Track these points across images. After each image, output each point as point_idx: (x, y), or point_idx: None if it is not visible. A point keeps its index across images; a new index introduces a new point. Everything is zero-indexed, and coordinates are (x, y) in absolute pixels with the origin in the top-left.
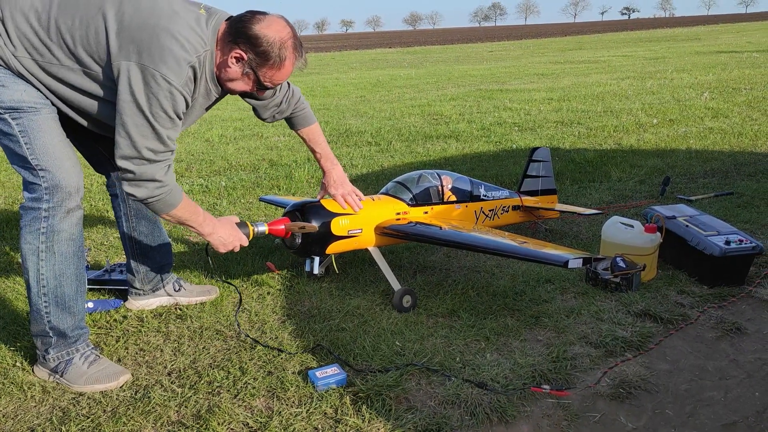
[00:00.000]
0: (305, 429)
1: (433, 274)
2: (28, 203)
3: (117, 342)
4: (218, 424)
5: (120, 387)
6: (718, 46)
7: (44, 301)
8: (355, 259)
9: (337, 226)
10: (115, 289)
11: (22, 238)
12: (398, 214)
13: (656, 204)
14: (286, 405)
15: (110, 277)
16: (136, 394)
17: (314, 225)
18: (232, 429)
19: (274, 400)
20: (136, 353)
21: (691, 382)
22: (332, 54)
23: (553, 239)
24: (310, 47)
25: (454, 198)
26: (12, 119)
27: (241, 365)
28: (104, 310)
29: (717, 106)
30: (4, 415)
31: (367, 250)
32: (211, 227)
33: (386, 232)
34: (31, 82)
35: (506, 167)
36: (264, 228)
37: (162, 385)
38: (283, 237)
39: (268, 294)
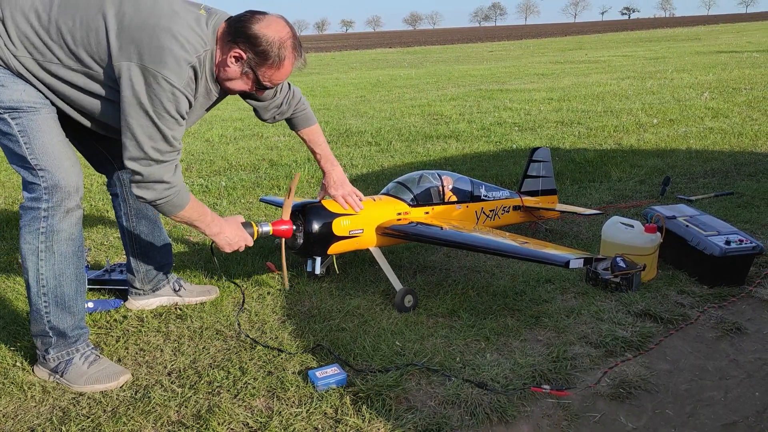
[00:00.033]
0: (305, 429)
1: (433, 274)
2: (27, 203)
3: (117, 342)
4: (218, 424)
5: (120, 387)
6: (719, 46)
7: (44, 301)
8: (355, 259)
9: (339, 227)
10: (115, 289)
11: (21, 238)
12: (399, 214)
13: (656, 204)
14: (286, 405)
15: (110, 277)
16: (136, 394)
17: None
18: (232, 429)
19: (274, 400)
20: (136, 353)
21: (691, 382)
22: (332, 54)
23: (554, 239)
24: (310, 47)
25: (454, 198)
26: (11, 119)
27: (241, 365)
28: (104, 310)
29: (717, 106)
30: (4, 415)
31: (367, 250)
32: (218, 227)
33: (387, 232)
34: (31, 82)
35: (506, 167)
36: (268, 228)
37: (162, 385)
38: (286, 237)
39: (268, 294)
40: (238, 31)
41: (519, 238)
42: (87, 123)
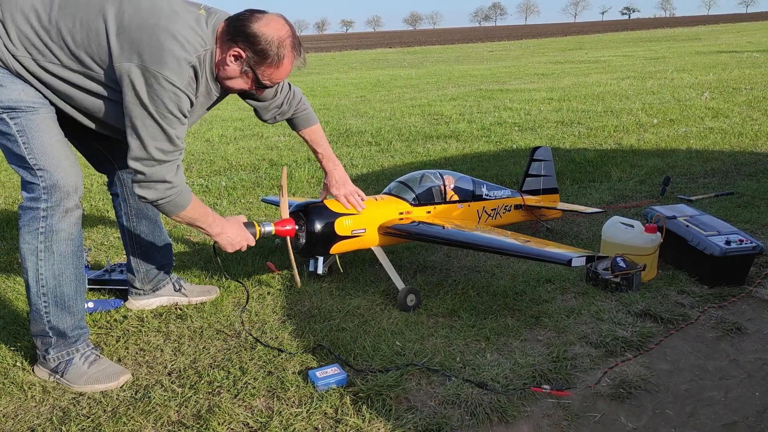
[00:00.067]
0: (305, 429)
1: (433, 274)
2: (26, 203)
3: (117, 342)
4: (218, 424)
5: (120, 387)
6: (719, 46)
7: (44, 301)
8: (355, 259)
9: (341, 226)
10: (115, 289)
11: (21, 238)
12: (401, 213)
13: (656, 204)
14: (287, 405)
15: (110, 277)
16: (136, 394)
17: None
18: (232, 429)
19: (275, 400)
20: (137, 353)
21: (691, 382)
22: (332, 54)
23: (554, 239)
24: (310, 47)
25: (456, 197)
26: (10, 119)
27: (241, 365)
28: (104, 310)
29: (717, 106)
30: (4, 415)
31: (368, 249)
32: (219, 227)
33: (389, 231)
34: (30, 82)
35: (506, 167)
36: (271, 228)
37: (162, 385)
38: (289, 237)
39: (268, 294)
40: (237, 30)
41: (521, 237)
42: (87, 122)
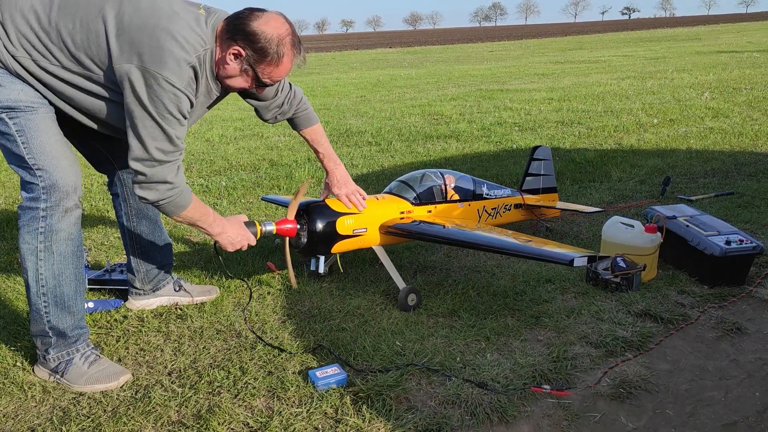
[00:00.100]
0: (305, 429)
1: (433, 274)
2: (26, 203)
3: (117, 342)
4: (218, 424)
5: (120, 387)
6: (719, 46)
7: (43, 301)
8: (355, 258)
9: (343, 226)
10: (115, 289)
11: (20, 238)
12: (402, 213)
13: (657, 204)
14: (287, 405)
15: (110, 277)
16: (136, 394)
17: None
18: (232, 429)
19: (275, 400)
20: (137, 353)
21: (691, 382)
22: (332, 54)
23: (554, 239)
24: (310, 47)
25: (457, 197)
26: (9, 119)
27: (241, 365)
28: (104, 310)
29: (717, 106)
30: (4, 415)
31: (368, 249)
32: (220, 227)
33: (391, 231)
34: (29, 82)
35: (506, 167)
36: (272, 227)
37: (162, 385)
38: (290, 236)
39: (268, 294)
40: (237, 29)
41: (522, 237)
42: (87, 122)
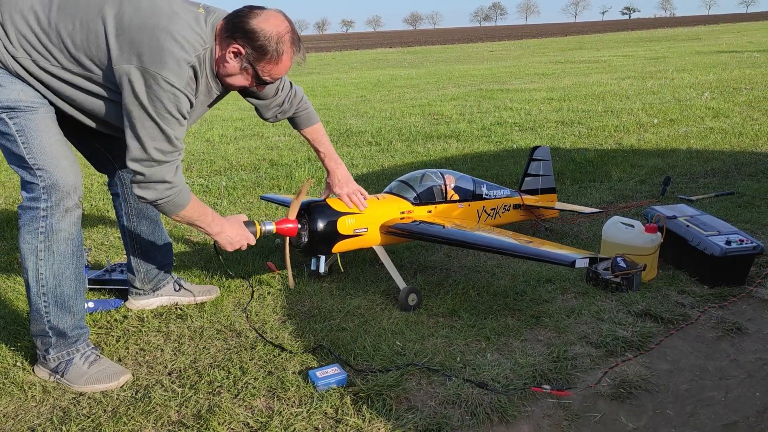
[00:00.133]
0: (306, 429)
1: (433, 274)
2: (26, 203)
3: (117, 342)
4: (219, 424)
5: (120, 387)
6: (719, 45)
7: (44, 301)
8: (355, 258)
9: (344, 225)
10: (115, 289)
11: (21, 238)
12: (402, 213)
13: (657, 204)
14: (287, 405)
15: (111, 277)
16: (136, 394)
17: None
18: (232, 429)
19: (275, 400)
20: (137, 353)
21: (691, 382)
22: (333, 54)
23: (554, 239)
24: (310, 47)
25: (456, 197)
26: (9, 119)
27: (241, 365)
28: (105, 310)
29: (718, 106)
30: (4, 415)
31: (368, 249)
32: (219, 227)
33: (391, 231)
34: (29, 82)
35: (507, 167)
36: (272, 227)
37: (162, 385)
38: (291, 236)
39: (268, 294)
40: (236, 27)
41: (523, 237)
42: (88, 122)
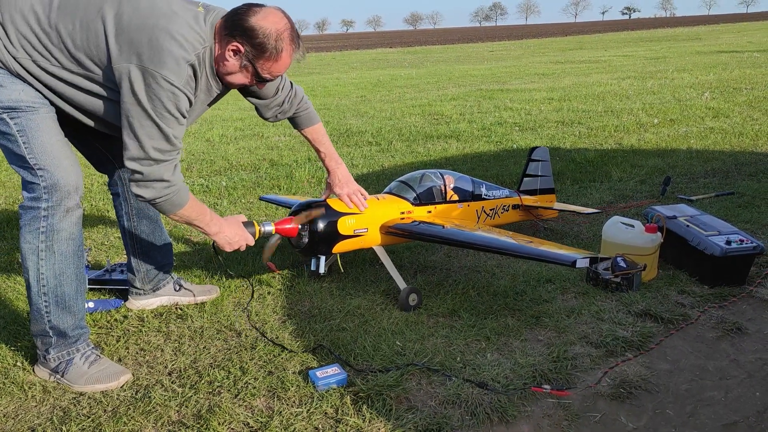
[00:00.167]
0: (306, 429)
1: (433, 274)
2: (27, 203)
3: (117, 342)
4: (219, 423)
5: (120, 387)
6: (719, 45)
7: (44, 301)
8: (355, 258)
9: (344, 226)
10: (115, 289)
11: (21, 238)
12: (402, 213)
13: (657, 204)
14: (287, 405)
15: (111, 277)
16: (136, 394)
17: (320, 209)
18: (232, 429)
19: (275, 399)
20: (137, 353)
21: (691, 382)
22: (333, 54)
23: (554, 239)
24: (310, 47)
25: (456, 197)
26: (10, 119)
27: (241, 365)
28: (105, 310)
29: (718, 106)
30: (4, 415)
31: (368, 249)
32: (217, 227)
33: (391, 231)
34: (30, 82)
35: (507, 167)
36: (271, 228)
37: (162, 385)
38: (291, 236)
39: (268, 294)
40: (235, 24)
41: (523, 238)
42: (88, 122)
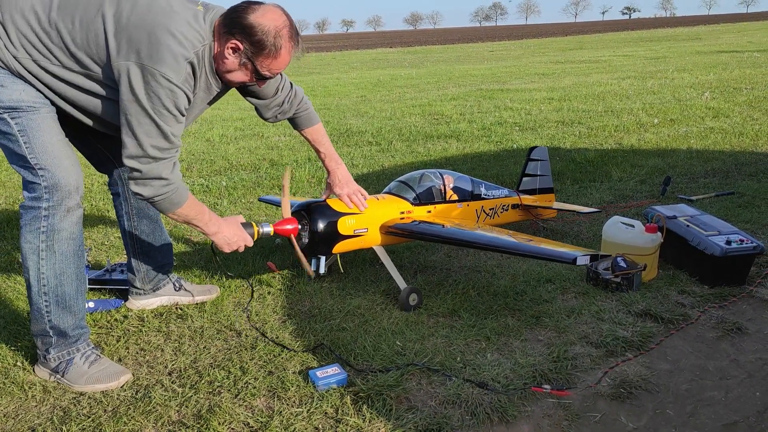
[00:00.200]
0: (306, 429)
1: (433, 274)
2: (28, 202)
3: (118, 342)
4: (219, 423)
5: (121, 387)
6: (719, 45)
7: (45, 301)
8: (355, 258)
9: (344, 226)
10: (115, 289)
11: (22, 237)
12: (402, 213)
13: (657, 204)
14: (287, 405)
15: (111, 277)
16: (136, 394)
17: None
18: (232, 429)
19: (275, 399)
20: (137, 353)
21: (691, 382)
22: (333, 54)
23: (554, 239)
24: (310, 47)
25: (455, 197)
26: (11, 119)
27: (241, 365)
28: (105, 310)
29: (718, 106)
30: (5, 415)
31: (368, 249)
32: (216, 227)
33: (391, 231)
34: (31, 82)
35: (507, 167)
36: (269, 229)
37: (163, 385)
38: (290, 237)
39: (268, 294)
40: (234, 22)
41: (522, 236)
42: (88, 121)
